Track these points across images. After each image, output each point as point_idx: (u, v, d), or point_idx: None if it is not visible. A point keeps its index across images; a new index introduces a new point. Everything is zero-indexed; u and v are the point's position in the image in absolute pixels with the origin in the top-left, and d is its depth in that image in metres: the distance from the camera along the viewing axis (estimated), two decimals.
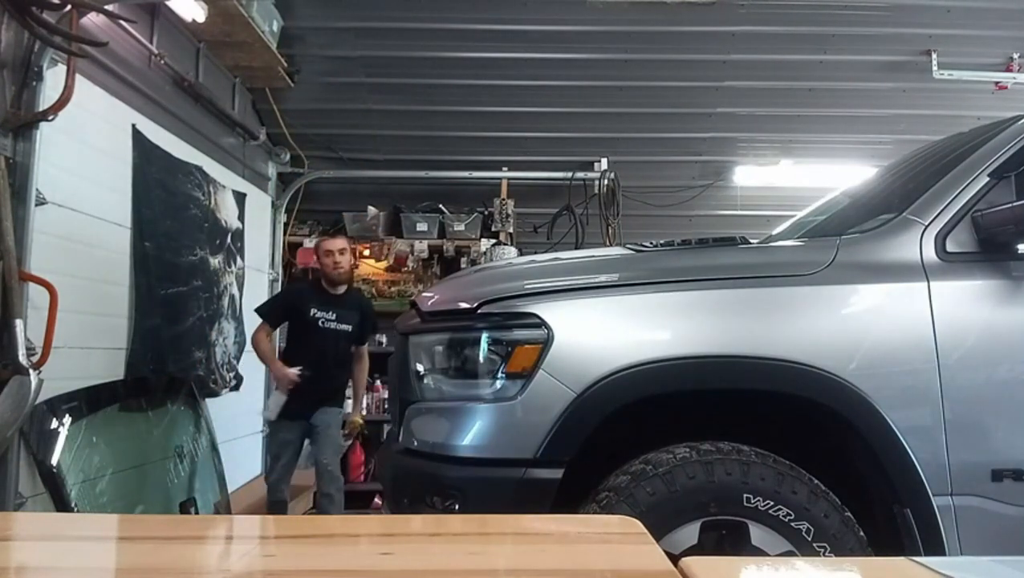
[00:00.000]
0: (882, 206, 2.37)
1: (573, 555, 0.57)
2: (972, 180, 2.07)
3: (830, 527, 1.81)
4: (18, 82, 2.79)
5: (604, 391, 1.89)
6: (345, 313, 4.26)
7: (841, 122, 5.62)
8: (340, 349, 4.28)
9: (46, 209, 2.97)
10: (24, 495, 2.84)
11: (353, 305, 4.33)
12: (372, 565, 0.50)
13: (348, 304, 4.30)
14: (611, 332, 1.98)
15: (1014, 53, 5.17)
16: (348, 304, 4.30)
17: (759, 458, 1.86)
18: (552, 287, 2.05)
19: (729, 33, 4.98)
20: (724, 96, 5.43)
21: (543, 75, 5.28)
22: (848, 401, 1.88)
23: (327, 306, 4.23)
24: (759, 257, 2.23)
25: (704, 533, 1.82)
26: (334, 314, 4.22)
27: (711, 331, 1.97)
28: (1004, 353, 1.95)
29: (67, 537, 0.59)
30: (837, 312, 1.99)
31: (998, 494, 1.88)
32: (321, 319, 4.20)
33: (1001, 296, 1.98)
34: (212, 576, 0.49)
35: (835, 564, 0.91)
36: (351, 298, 4.38)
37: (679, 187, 6.02)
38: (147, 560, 0.51)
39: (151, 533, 0.55)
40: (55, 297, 2.79)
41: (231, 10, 4.20)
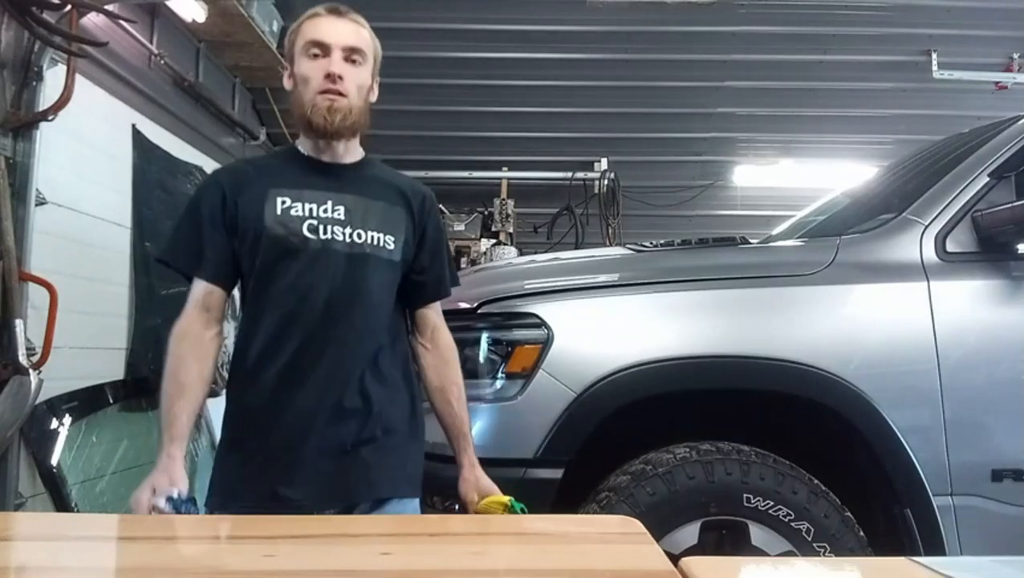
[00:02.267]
0: (882, 206, 2.37)
1: (573, 555, 0.57)
2: (972, 180, 2.07)
3: (830, 527, 1.81)
4: (18, 82, 2.79)
5: (604, 391, 1.89)
6: (369, 205, 1.51)
7: (841, 122, 5.61)
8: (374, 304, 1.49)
9: (46, 209, 2.96)
10: (24, 495, 2.84)
11: (386, 186, 1.57)
12: (372, 565, 0.50)
13: (373, 183, 1.56)
14: (611, 332, 1.98)
15: (1014, 53, 5.17)
16: (373, 183, 1.56)
17: (759, 458, 1.86)
18: (552, 287, 2.05)
19: (729, 33, 4.98)
20: (724, 96, 5.43)
21: (543, 75, 5.28)
22: (848, 401, 1.88)
23: (318, 189, 1.49)
24: (759, 257, 2.23)
25: (704, 533, 1.82)
26: (340, 207, 1.48)
27: (711, 331, 1.97)
28: (1004, 353, 1.95)
29: (67, 537, 0.59)
30: (837, 312, 1.99)
31: (998, 494, 1.88)
32: (305, 222, 1.45)
33: (1001, 296, 1.98)
34: (212, 576, 0.49)
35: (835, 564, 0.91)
36: (376, 172, 1.59)
37: (679, 187, 6.01)
38: (147, 560, 0.51)
39: (151, 533, 0.55)
40: (55, 297, 2.79)
41: (231, 10, 4.19)
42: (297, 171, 1.51)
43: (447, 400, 1.55)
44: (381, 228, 1.49)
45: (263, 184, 1.46)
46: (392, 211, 1.52)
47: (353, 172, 1.54)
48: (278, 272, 1.43)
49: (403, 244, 1.51)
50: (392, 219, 1.51)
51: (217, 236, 1.45)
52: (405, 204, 1.55)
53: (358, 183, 1.52)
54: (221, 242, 1.45)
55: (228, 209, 1.45)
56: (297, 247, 1.42)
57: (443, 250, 1.62)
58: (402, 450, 1.49)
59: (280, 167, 1.53)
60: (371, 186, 1.53)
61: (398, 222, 1.52)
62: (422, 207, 1.57)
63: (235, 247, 1.45)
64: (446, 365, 1.57)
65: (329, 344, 1.42)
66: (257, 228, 1.43)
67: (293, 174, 1.50)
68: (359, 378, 1.44)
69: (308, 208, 1.45)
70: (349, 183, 1.51)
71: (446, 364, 1.58)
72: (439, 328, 1.60)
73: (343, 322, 1.44)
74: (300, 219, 1.43)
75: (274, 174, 1.50)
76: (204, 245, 1.45)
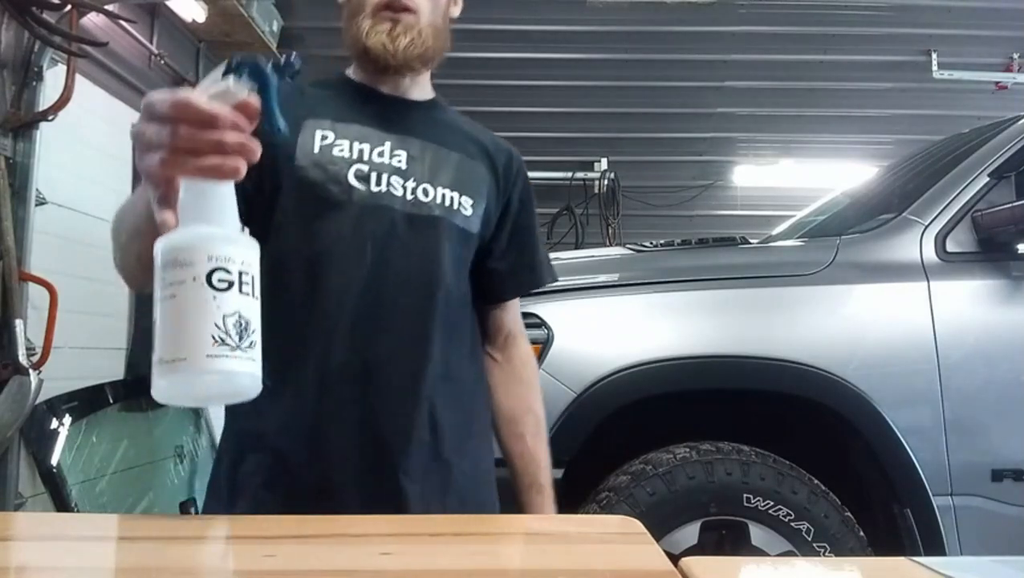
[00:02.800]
0: (882, 206, 2.37)
1: (573, 555, 0.56)
2: (972, 180, 2.07)
3: (830, 527, 1.81)
4: (18, 82, 2.79)
5: (604, 391, 1.89)
6: (440, 155, 1.11)
7: (841, 122, 5.62)
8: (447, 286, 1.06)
9: (46, 209, 2.97)
10: (24, 495, 2.84)
11: (463, 136, 1.18)
12: (372, 565, 0.50)
13: (447, 128, 1.16)
14: (611, 332, 1.98)
15: (1014, 53, 5.17)
16: (447, 128, 1.16)
17: (759, 458, 1.86)
18: (552, 287, 2.04)
19: (729, 33, 4.98)
20: (724, 96, 5.43)
21: (543, 75, 5.28)
22: (848, 401, 1.88)
23: (373, 127, 1.09)
24: (759, 257, 2.23)
25: (704, 533, 1.82)
26: (402, 152, 1.08)
27: (711, 331, 1.97)
28: (1004, 353, 1.95)
29: (67, 537, 0.59)
30: (837, 312, 1.99)
31: (998, 494, 1.88)
32: (352, 167, 1.05)
33: (1001, 296, 1.98)
34: (212, 576, 0.49)
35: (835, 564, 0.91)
36: (451, 117, 1.21)
37: (679, 187, 6.01)
38: (147, 560, 0.51)
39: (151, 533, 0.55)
40: (55, 297, 2.79)
41: (231, 10, 4.20)
42: (347, 101, 1.11)
43: (518, 433, 1.14)
44: (456, 186, 1.09)
45: (299, 111, 1.03)
46: (471, 166, 1.13)
47: (422, 112, 1.15)
48: (309, 233, 1.01)
49: (483, 212, 1.11)
50: (471, 177, 1.12)
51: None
52: (487, 161, 1.16)
53: (427, 125, 1.13)
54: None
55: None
56: (338, 199, 1.01)
57: (533, 229, 1.23)
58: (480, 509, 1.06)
59: (324, 95, 1.13)
60: (445, 132, 1.14)
61: (479, 182, 1.13)
62: (508, 168, 1.18)
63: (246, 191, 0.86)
64: (521, 385, 1.18)
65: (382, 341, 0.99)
66: (284, 168, 1.01)
67: (340, 104, 1.10)
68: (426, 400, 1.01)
69: (358, 149, 1.05)
70: (416, 124, 1.12)
71: (521, 384, 1.18)
72: (515, 336, 1.22)
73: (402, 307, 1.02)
74: (346, 161, 1.03)
75: (315, 101, 1.10)
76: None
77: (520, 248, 1.19)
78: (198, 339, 0.61)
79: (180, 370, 0.61)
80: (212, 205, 0.66)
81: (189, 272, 0.63)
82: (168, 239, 0.65)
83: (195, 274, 0.63)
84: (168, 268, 0.63)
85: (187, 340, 0.62)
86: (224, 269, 0.64)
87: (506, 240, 1.17)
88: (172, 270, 0.63)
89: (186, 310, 0.62)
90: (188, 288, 0.62)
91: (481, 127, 1.24)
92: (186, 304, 0.62)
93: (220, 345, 0.62)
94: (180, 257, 0.63)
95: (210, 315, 0.62)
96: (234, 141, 0.66)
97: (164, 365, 0.62)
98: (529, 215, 1.22)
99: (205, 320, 0.62)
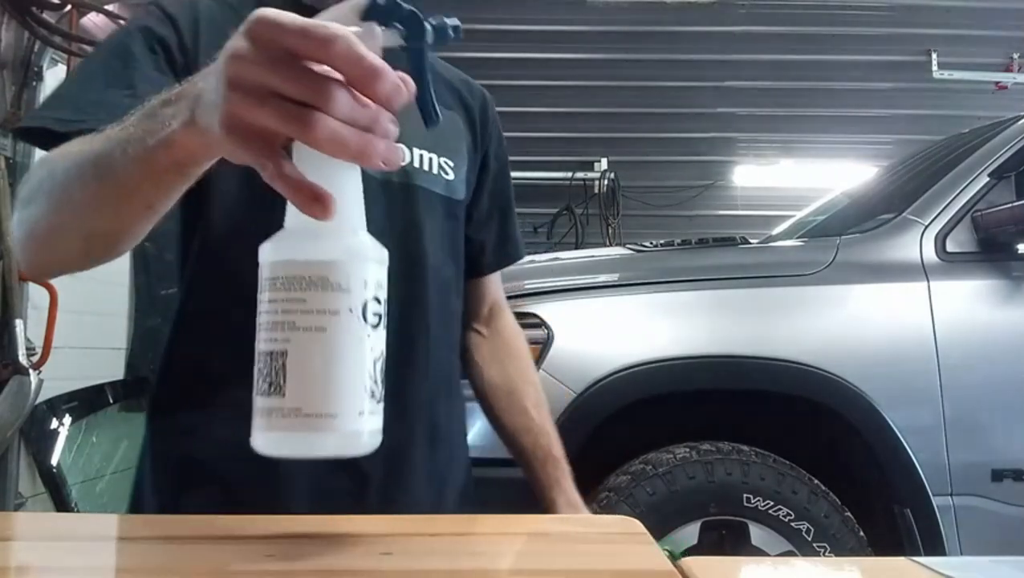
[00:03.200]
0: (882, 206, 2.37)
1: (573, 555, 0.56)
2: (972, 180, 2.08)
3: (830, 527, 1.81)
4: (18, 82, 2.79)
5: (604, 391, 1.89)
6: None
7: (841, 122, 5.62)
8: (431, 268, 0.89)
9: None
10: (24, 495, 2.84)
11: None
12: (372, 565, 0.50)
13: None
14: (611, 332, 1.98)
15: (1014, 53, 5.17)
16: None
17: (759, 458, 1.87)
18: (552, 287, 2.05)
19: (729, 33, 4.98)
20: (724, 96, 5.43)
21: (543, 75, 5.28)
22: (848, 401, 1.88)
23: None
24: (759, 257, 2.23)
25: (704, 533, 1.82)
26: None
27: (711, 331, 1.97)
28: (1004, 353, 1.95)
29: (67, 537, 0.59)
30: (837, 312, 1.99)
31: (998, 494, 1.88)
32: None
33: (1001, 296, 1.98)
34: (212, 576, 0.49)
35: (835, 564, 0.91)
36: None
37: (679, 187, 6.01)
38: (147, 560, 0.51)
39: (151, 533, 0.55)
40: (55, 297, 2.79)
41: None
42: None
43: (520, 406, 1.00)
44: (433, 145, 0.90)
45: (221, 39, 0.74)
46: (447, 118, 0.91)
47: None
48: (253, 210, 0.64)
49: (465, 175, 0.94)
50: (449, 132, 0.93)
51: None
52: (463, 111, 0.98)
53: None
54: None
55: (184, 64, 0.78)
56: None
57: (510, 192, 1.06)
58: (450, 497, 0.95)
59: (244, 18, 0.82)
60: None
61: (457, 139, 0.95)
62: (484, 118, 1.00)
63: None
64: (512, 358, 1.03)
65: None
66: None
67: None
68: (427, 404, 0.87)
69: None
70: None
71: (512, 357, 1.04)
72: (500, 308, 1.07)
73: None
74: None
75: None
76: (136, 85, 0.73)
77: (502, 214, 1.04)
78: (352, 391, 0.49)
79: (327, 429, 0.48)
80: (352, 200, 0.51)
81: (344, 301, 0.49)
82: (307, 247, 0.49)
83: (351, 305, 0.49)
84: (311, 288, 0.48)
85: (340, 392, 0.48)
86: (377, 299, 0.51)
87: (486, 205, 1.01)
88: (319, 293, 0.48)
89: (340, 352, 0.48)
90: (343, 322, 0.48)
91: (448, 66, 1.03)
92: (340, 344, 0.48)
93: (370, 398, 0.50)
94: (333, 277, 0.48)
95: (365, 360, 0.49)
96: (389, 127, 0.48)
97: (303, 419, 0.48)
98: (506, 175, 1.05)
99: (360, 366, 0.49)
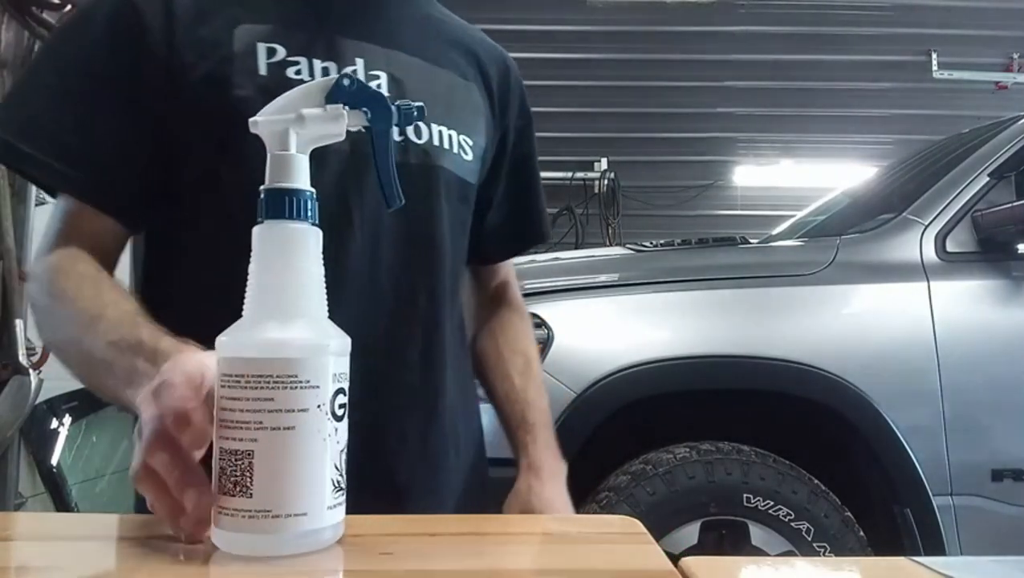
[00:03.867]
0: (882, 206, 2.37)
1: (573, 555, 0.56)
2: (972, 180, 2.08)
3: (830, 527, 1.81)
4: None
5: (604, 391, 1.89)
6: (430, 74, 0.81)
7: (841, 122, 5.62)
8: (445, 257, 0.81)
9: (46, 209, 2.96)
10: (24, 495, 2.84)
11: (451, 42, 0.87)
12: (372, 565, 0.50)
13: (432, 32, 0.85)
14: (611, 332, 1.98)
15: (1014, 53, 5.18)
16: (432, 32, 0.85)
17: (759, 458, 1.87)
18: (552, 287, 2.04)
19: (729, 33, 4.98)
20: (724, 96, 5.44)
21: (543, 75, 5.28)
22: (848, 401, 1.88)
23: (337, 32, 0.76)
24: (759, 257, 2.23)
25: (704, 533, 1.82)
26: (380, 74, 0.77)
27: (711, 331, 1.97)
28: (1004, 353, 1.95)
29: (67, 537, 0.59)
30: (837, 312, 1.99)
31: (998, 494, 1.88)
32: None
33: (1001, 296, 1.98)
34: (212, 576, 0.49)
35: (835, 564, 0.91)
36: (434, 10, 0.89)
37: (679, 187, 6.02)
38: (147, 560, 0.51)
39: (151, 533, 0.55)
40: None
41: None
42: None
43: (505, 373, 0.91)
44: (452, 120, 0.81)
45: (228, 11, 0.73)
46: (466, 91, 0.85)
47: (401, 6, 0.83)
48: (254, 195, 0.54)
49: (483, 154, 0.86)
50: (466, 105, 0.84)
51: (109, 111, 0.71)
52: (482, 80, 0.88)
53: (414, 28, 0.82)
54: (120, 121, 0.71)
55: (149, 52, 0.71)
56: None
57: (534, 168, 0.97)
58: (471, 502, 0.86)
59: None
60: (434, 39, 0.84)
61: (474, 113, 0.85)
62: (504, 86, 0.91)
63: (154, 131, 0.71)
64: (505, 327, 0.94)
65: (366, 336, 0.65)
66: (219, 101, 0.70)
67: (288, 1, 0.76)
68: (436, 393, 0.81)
69: (321, 68, 0.74)
70: (399, 25, 0.81)
71: (505, 326, 0.95)
72: (507, 285, 0.98)
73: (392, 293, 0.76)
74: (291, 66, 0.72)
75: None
76: (83, 122, 0.71)
77: (519, 192, 0.94)
78: (320, 487, 0.48)
79: (296, 528, 0.47)
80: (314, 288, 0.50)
81: (313, 398, 0.48)
82: (273, 343, 0.48)
83: (320, 401, 0.48)
84: (279, 386, 0.47)
85: (311, 490, 0.48)
86: (342, 391, 0.50)
87: (503, 185, 0.92)
88: (287, 392, 0.47)
89: (309, 450, 0.48)
90: (312, 420, 0.48)
91: (465, 24, 0.94)
92: (309, 442, 0.48)
93: (336, 491, 0.49)
94: (303, 375, 0.47)
95: (331, 454, 0.49)
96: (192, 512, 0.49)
97: (271, 521, 0.47)
98: (529, 149, 0.96)
99: (326, 462, 0.48)
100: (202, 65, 0.71)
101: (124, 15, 0.71)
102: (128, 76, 0.71)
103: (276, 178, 0.52)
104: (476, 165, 0.85)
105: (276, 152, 0.52)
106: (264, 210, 0.51)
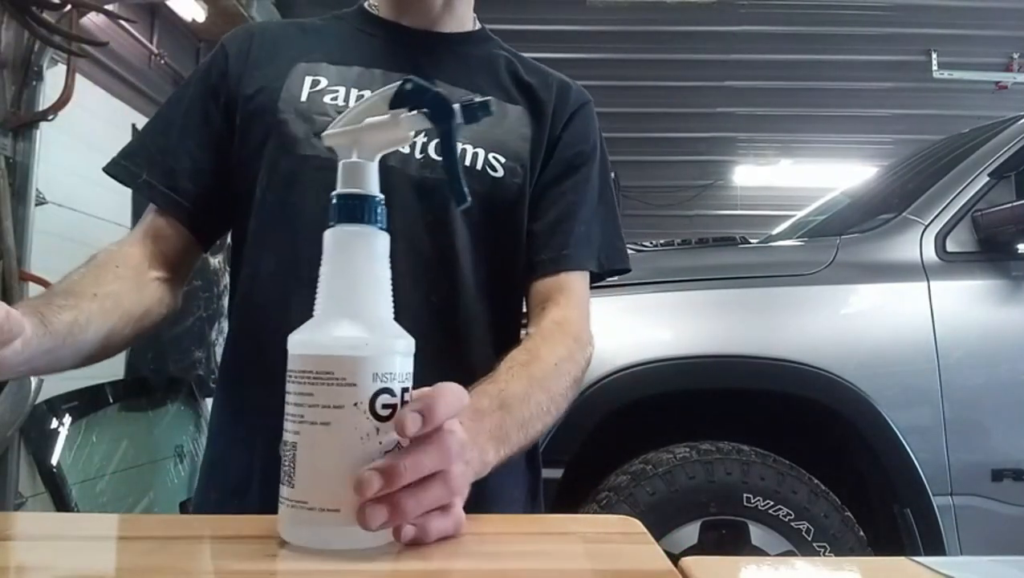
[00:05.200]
0: (882, 206, 2.37)
1: (573, 555, 0.56)
2: (972, 180, 2.08)
3: (830, 527, 1.81)
4: (18, 82, 2.79)
5: (604, 390, 1.89)
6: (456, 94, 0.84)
7: (841, 122, 5.62)
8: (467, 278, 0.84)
9: (46, 209, 2.96)
10: (24, 495, 2.84)
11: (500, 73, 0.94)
12: (372, 565, 0.50)
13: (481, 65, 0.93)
14: (611, 332, 1.97)
15: (1014, 53, 5.18)
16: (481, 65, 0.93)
17: (759, 458, 1.86)
18: None
19: (729, 33, 4.98)
20: (724, 96, 5.44)
21: None
22: (848, 401, 1.88)
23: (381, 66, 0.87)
24: (759, 257, 2.23)
25: (704, 533, 1.82)
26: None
27: (711, 331, 1.97)
28: (1004, 353, 1.95)
29: (67, 537, 0.59)
30: (837, 312, 1.99)
31: (998, 494, 1.88)
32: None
33: (1001, 296, 1.98)
34: (212, 576, 0.49)
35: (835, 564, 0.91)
36: (492, 50, 0.98)
37: (679, 187, 6.02)
38: (147, 560, 0.51)
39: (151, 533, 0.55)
40: None
41: (231, 10, 4.20)
42: (353, 37, 0.89)
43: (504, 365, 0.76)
44: (483, 139, 0.84)
45: (292, 51, 0.87)
46: (504, 111, 0.88)
47: (450, 46, 0.91)
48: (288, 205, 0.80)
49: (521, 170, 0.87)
50: (503, 123, 0.87)
51: (191, 137, 0.86)
52: (529, 100, 0.91)
53: (454, 63, 0.89)
54: (194, 148, 0.85)
55: (226, 90, 0.86)
56: (324, 160, 0.73)
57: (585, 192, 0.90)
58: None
59: (328, 31, 0.91)
60: (476, 70, 0.90)
61: (513, 131, 0.88)
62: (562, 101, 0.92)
63: (229, 158, 0.86)
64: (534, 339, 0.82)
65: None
66: (265, 123, 0.83)
67: (345, 41, 0.89)
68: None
69: (356, 96, 0.83)
70: (439, 62, 0.88)
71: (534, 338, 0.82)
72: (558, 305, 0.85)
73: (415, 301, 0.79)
74: (340, 112, 0.69)
75: (315, 40, 0.89)
76: (169, 150, 0.86)
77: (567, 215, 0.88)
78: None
79: (331, 524, 0.49)
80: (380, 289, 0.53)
81: (350, 396, 0.49)
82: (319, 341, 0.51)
83: (358, 399, 0.50)
84: (318, 382, 0.50)
85: (342, 486, 0.49)
86: (389, 391, 0.50)
87: (548, 204, 0.88)
88: (324, 388, 0.50)
89: (344, 447, 0.49)
90: (348, 417, 0.49)
91: (539, 66, 0.96)
92: (344, 439, 0.49)
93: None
94: (339, 373, 0.50)
95: (370, 453, 0.49)
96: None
97: (307, 512, 0.50)
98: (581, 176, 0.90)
99: (366, 461, 0.49)
100: (258, 97, 0.85)
101: (218, 59, 0.89)
102: (204, 108, 0.87)
103: (346, 184, 0.55)
104: (512, 180, 0.86)
105: (345, 161, 0.56)
106: (336, 214, 0.55)
